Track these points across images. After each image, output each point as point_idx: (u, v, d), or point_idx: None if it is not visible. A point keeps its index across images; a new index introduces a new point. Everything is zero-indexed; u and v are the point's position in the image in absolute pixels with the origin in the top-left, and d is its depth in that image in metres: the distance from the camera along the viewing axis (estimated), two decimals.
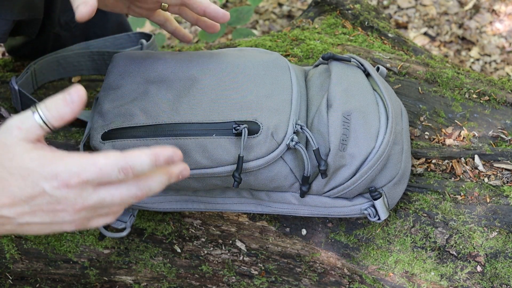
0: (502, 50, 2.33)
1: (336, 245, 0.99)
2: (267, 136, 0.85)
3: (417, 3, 2.48)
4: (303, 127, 0.87)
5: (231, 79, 0.92)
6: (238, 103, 0.88)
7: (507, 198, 0.98)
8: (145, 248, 1.04)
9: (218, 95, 0.90)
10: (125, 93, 0.92)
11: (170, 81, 0.93)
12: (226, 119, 0.86)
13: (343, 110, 0.89)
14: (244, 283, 1.04)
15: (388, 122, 0.90)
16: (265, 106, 0.88)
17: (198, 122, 0.87)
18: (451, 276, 0.95)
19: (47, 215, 0.65)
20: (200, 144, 0.86)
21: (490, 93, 1.14)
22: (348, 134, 0.88)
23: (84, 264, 1.04)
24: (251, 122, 0.86)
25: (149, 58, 0.97)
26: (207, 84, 0.91)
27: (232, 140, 0.85)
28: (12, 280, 1.05)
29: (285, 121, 0.87)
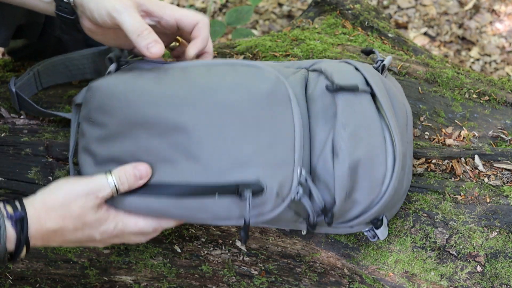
0: (502, 50, 2.33)
1: (336, 245, 0.99)
2: (271, 195, 0.82)
3: (417, 3, 2.48)
4: (307, 180, 0.83)
5: (227, 126, 0.83)
6: (238, 159, 0.82)
7: (507, 198, 0.98)
8: (145, 248, 1.04)
9: (215, 149, 0.82)
10: (112, 135, 0.86)
11: (159, 129, 0.84)
12: (228, 180, 0.81)
13: (350, 161, 0.84)
14: (244, 283, 1.04)
15: (395, 165, 0.86)
16: (268, 161, 0.82)
17: (200, 184, 0.82)
18: (451, 276, 0.94)
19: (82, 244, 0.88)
20: (203, 204, 0.83)
21: (490, 93, 1.14)
22: (354, 184, 0.85)
23: (84, 264, 1.04)
24: (256, 183, 0.81)
25: (131, 93, 0.86)
26: (201, 136, 0.82)
27: (235, 200, 0.82)
28: (12, 280, 1.05)
29: (290, 176, 0.83)
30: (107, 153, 0.86)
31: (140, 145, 0.85)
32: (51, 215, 0.81)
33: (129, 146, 0.85)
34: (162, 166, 0.84)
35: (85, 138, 0.89)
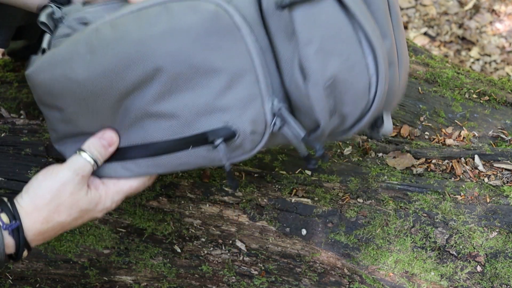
0: (502, 50, 2.33)
1: (336, 245, 0.99)
2: (246, 135, 0.78)
3: (417, 3, 2.48)
4: (282, 109, 0.77)
5: (177, 79, 0.77)
6: (201, 107, 0.78)
7: (507, 198, 0.98)
8: (145, 248, 1.04)
9: (174, 103, 0.78)
10: (72, 114, 0.83)
11: (110, 98, 0.80)
12: (197, 131, 0.78)
13: (323, 80, 0.76)
14: (244, 283, 1.04)
15: (379, 69, 0.78)
16: (231, 102, 0.77)
17: (171, 140, 0.80)
18: (451, 276, 0.94)
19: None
20: (180, 158, 0.81)
21: (490, 93, 1.14)
22: (335, 99, 0.78)
23: (84, 264, 1.04)
24: (225, 128, 0.78)
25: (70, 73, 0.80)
26: (156, 92, 0.78)
27: (210, 149, 0.79)
28: (12, 280, 1.05)
29: (261, 110, 0.78)
30: (75, 130, 0.85)
31: (99, 116, 0.82)
32: (44, 215, 0.81)
33: (91, 120, 0.83)
34: (127, 130, 0.82)
35: (48, 120, 0.87)
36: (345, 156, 1.06)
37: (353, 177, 1.03)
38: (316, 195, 1.01)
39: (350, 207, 1.00)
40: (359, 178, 1.03)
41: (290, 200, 1.01)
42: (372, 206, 1.00)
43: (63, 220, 0.82)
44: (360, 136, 1.08)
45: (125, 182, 0.85)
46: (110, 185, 0.85)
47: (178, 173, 1.03)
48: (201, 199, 1.02)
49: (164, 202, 1.02)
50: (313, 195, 1.01)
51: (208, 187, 1.02)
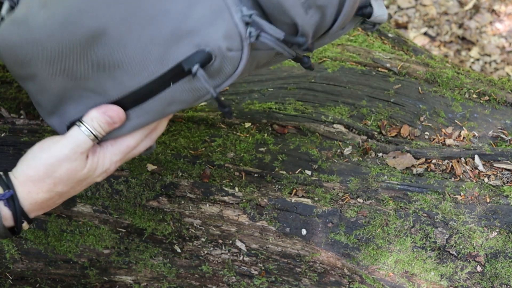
0: (502, 50, 2.33)
1: (336, 245, 0.99)
2: (223, 55, 0.73)
3: (417, 3, 2.48)
4: (252, 16, 0.71)
5: (134, 11, 0.72)
6: (168, 36, 0.72)
7: (507, 198, 0.98)
8: (145, 248, 1.04)
9: (138, 40, 0.73)
10: (45, 80, 0.79)
11: (75, 54, 0.75)
12: (171, 63, 0.74)
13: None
14: (244, 283, 1.04)
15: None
16: (197, 21, 0.72)
17: (149, 82, 0.75)
18: (451, 276, 0.94)
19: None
20: (165, 98, 0.77)
21: (490, 93, 1.14)
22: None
23: (84, 264, 1.04)
24: (198, 52, 0.72)
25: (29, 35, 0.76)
26: (117, 35, 0.73)
27: (190, 79, 0.75)
28: (12, 280, 1.05)
29: (231, 23, 0.71)
30: (53, 98, 0.80)
31: (72, 75, 0.77)
32: (39, 186, 0.79)
33: (64, 82, 0.78)
34: (105, 85, 0.77)
35: (30, 95, 0.83)
36: (345, 156, 1.06)
37: (353, 177, 1.03)
38: (316, 195, 1.01)
39: (350, 207, 1.00)
40: (359, 178, 1.03)
41: (290, 200, 1.01)
42: (372, 206, 1.00)
43: (60, 190, 0.80)
44: (360, 136, 1.09)
45: (122, 141, 0.81)
46: (107, 146, 0.81)
47: (178, 173, 1.03)
48: (201, 199, 1.02)
49: (164, 202, 1.02)
50: (313, 195, 1.01)
51: (208, 187, 1.02)
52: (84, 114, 0.80)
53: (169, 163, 1.04)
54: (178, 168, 1.04)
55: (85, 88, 0.79)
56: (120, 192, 1.03)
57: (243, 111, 1.10)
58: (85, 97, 0.80)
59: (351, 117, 1.11)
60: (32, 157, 0.79)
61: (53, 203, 0.82)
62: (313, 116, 1.10)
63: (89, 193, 1.03)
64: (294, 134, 1.08)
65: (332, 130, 1.08)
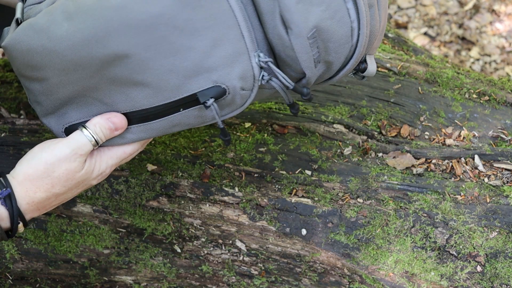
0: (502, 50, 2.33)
1: (336, 245, 0.99)
2: (236, 91, 0.79)
3: (417, 3, 2.48)
4: (268, 62, 0.78)
5: (161, 41, 0.76)
6: (187, 70, 0.77)
7: (507, 198, 0.98)
8: (145, 248, 1.04)
9: (160, 68, 0.77)
10: (53, 85, 0.80)
11: (94, 67, 0.78)
12: (186, 93, 0.78)
13: (306, 30, 0.76)
14: (244, 283, 1.04)
15: (360, 14, 0.79)
16: (218, 61, 0.77)
17: (161, 105, 0.79)
18: (451, 276, 0.94)
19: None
20: (172, 121, 0.81)
21: (490, 93, 1.14)
22: (319, 48, 0.79)
23: (84, 264, 1.04)
24: (214, 87, 0.78)
25: (49, 43, 0.77)
26: (140, 60, 0.76)
27: (202, 108, 0.79)
28: (12, 280, 1.05)
29: (248, 65, 0.78)
30: (57, 102, 0.82)
31: (84, 86, 0.80)
32: (37, 185, 0.80)
33: (74, 90, 0.80)
34: (113, 99, 0.80)
35: (31, 93, 0.83)
36: (345, 156, 1.06)
37: (353, 177, 1.03)
38: (316, 195, 1.01)
39: (350, 207, 1.00)
40: (359, 178, 1.03)
41: (290, 200, 1.01)
42: (372, 206, 1.00)
43: (57, 191, 0.81)
44: (360, 136, 1.09)
45: (119, 147, 0.84)
46: (105, 150, 0.84)
47: (178, 173, 1.03)
48: (201, 199, 1.02)
49: (164, 202, 1.02)
50: (313, 195, 1.01)
51: (208, 187, 1.02)
52: (85, 119, 0.82)
53: (169, 163, 1.04)
54: (178, 168, 1.04)
55: (93, 97, 0.81)
56: (120, 192, 1.03)
57: (243, 111, 1.10)
58: (90, 104, 0.82)
59: (351, 117, 1.11)
60: (32, 157, 0.80)
61: (49, 204, 0.82)
62: (313, 116, 1.10)
63: (89, 193, 1.03)
64: (294, 134, 1.08)
65: (332, 130, 1.08)
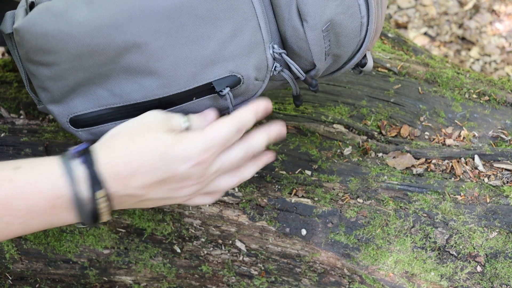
0: (502, 50, 2.33)
1: (336, 245, 0.99)
2: (250, 81, 0.81)
3: (417, 3, 2.48)
4: (282, 54, 0.80)
5: (181, 30, 0.76)
6: (205, 58, 0.78)
7: (507, 198, 0.98)
8: (145, 248, 1.04)
9: (178, 56, 0.77)
10: (64, 71, 0.78)
11: (110, 53, 0.77)
12: (200, 82, 0.79)
13: (321, 24, 0.79)
14: (244, 283, 1.04)
15: (370, 11, 0.81)
16: (235, 50, 0.78)
17: (174, 93, 0.79)
18: (451, 276, 0.94)
19: (171, 192, 0.76)
20: (183, 110, 0.81)
21: (490, 93, 1.14)
22: (330, 41, 0.82)
23: (84, 264, 1.04)
24: (230, 76, 0.79)
25: (67, 28, 0.75)
26: (158, 48, 0.76)
27: (215, 97, 0.81)
28: (12, 280, 1.05)
29: (263, 56, 0.80)
30: (65, 88, 0.80)
31: (96, 73, 0.78)
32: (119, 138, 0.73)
33: (85, 77, 0.79)
34: (127, 88, 0.79)
35: (37, 78, 0.82)
36: (345, 156, 1.06)
37: (353, 177, 1.03)
38: (316, 195, 1.01)
39: (350, 207, 1.00)
40: (359, 178, 1.03)
41: (290, 200, 1.01)
42: (372, 206, 1.00)
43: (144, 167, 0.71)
44: (360, 136, 1.09)
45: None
46: None
47: None
48: None
49: None
50: (313, 195, 1.01)
51: None
52: (91, 109, 0.81)
53: None
54: None
55: (102, 87, 0.80)
56: None
57: None
58: (98, 95, 0.81)
59: (351, 117, 1.11)
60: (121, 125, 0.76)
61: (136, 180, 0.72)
62: (313, 116, 1.10)
63: None
64: (294, 134, 1.08)
65: (332, 130, 1.08)
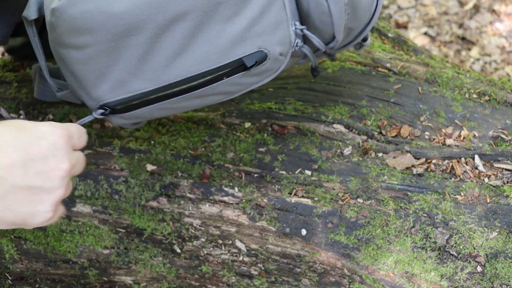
0: (502, 50, 2.33)
1: (336, 245, 0.99)
2: (275, 57, 0.85)
3: (417, 3, 2.48)
4: (303, 30, 0.86)
5: (216, 7, 0.80)
6: (236, 35, 0.82)
7: (507, 198, 0.98)
8: (145, 248, 1.03)
9: (210, 33, 0.81)
10: (99, 54, 0.80)
11: (146, 30, 0.79)
12: (231, 58, 0.83)
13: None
14: (244, 283, 1.04)
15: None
16: (263, 28, 0.83)
17: (206, 70, 0.82)
18: (451, 276, 0.94)
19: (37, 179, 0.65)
20: (214, 88, 0.85)
21: (490, 93, 1.13)
22: (349, 15, 0.88)
23: (84, 265, 1.04)
24: (258, 51, 0.84)
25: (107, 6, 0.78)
26: (192, 25, 0.80)
27: (243, 73, 0.85)
28: (12, 280, 1.05)
29: (287, 33, 0.85)
30: (94, 73, 0.82)
31: (130, 54, 0.80)
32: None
33: (117, 59, 0.81)
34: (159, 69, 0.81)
35: (65, 63, 0.83)
36: (345, 156, 1.06)
37: (353, 177, 1.03)
38: (316, 195, 1.01)
39: (350, 207, 1.00)
40: (359, 178, 1.03)
41: (290, 200, 1.01)
42: (372, 206, 1.00)
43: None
44: (360, 136, 1.08)
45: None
46: None
47: (177, 173, 1.03)
48: (200, 199, 1.02)
49: (164, 202, 1.02)
50: (313, 195, 1.01)
51: (208, 187, 1.02)
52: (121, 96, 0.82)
53: (169, 163, 1.04)
54: (178, 168, 1.04)
55: (133, 72, 0.81)
56: (119, 192, 1.02)
57: (243, 111, 1.10)
58: (129, 82, 0.82)
59: (351, 117, 1.11)
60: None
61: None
62: (313, 116, 1.10)
63: (88, 193, 1.02)
64: (294, 134, 1.08)
65: (332, 130, 1.08)
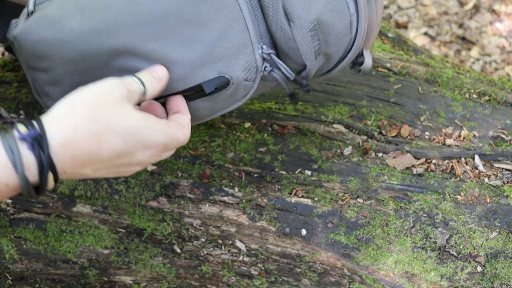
0: (502, 50, 2.33)
1: (336, 245, 0.99)
2: (239, 82, 0.81)
3: (417, 3, 2.48)
4: (271, 54, 0.81)
5: (169, 34, 0.77)
6: (194, 61, 0.78)
7: (507, 198, 0.98)
8: (145, 248, 1.04)
9: (167, 59, 0.78)
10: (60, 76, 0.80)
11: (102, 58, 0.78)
12: (191, 84, 0.79)
13: (308, 23, 0.80)
14: (244, 283, 1.04)
15: (359, 8, 0.82)
16: (223, 52, 0.79)
17: (165, 95, 0.80)
18: (451, 276, 0.94)
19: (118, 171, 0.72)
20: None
21: (490, 93, 1.13)
22: (320, 41, 0.82)
23: (84, 265, 1.04)
24: (219, 77, 0.79)
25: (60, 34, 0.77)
26: (147, 51, 0.77)
27: (205, 99, 0.81)
28: (12, 280, 1.05)
29: (252, 57, 0.81)
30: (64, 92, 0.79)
31: (90, 76, 0.78)
32: (79, 114, 0.67)
33: (80, 80, 0.79)
34: None
35: (37, 84, 0.83)
36: (345, 156, 1.06)
37: (353, 177, 1.03)
38: (316, 195, 1.01)
39: (350, 207, 1.00)
40: (359, 178, 1.03)
41: (290, 200, 1.01)
42: (372, 206, 1.00)
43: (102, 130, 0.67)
44: (360, 136, 1.08)
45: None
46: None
47: (177, 173, 1.03)
48: (200, 199, 1.02)
49: (164, 202, 1.02)
50: (313, 195, 1.01)
51: (208, 187, 1.02)
52: None
53: (169, 163, 1.04)
54: (178, 168, 1.04)
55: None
56: (119, 192, 1.02)
57: (243, 111, 1.10)
58: None
59: (351, 117, 1.11)
60: (76, 91, 0.70)
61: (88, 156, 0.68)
62: (313, 116, 1.10)
63: (88, 193, 1.03)
64: (294, 134, 1.08)
65: (332, 130, 1.08)
